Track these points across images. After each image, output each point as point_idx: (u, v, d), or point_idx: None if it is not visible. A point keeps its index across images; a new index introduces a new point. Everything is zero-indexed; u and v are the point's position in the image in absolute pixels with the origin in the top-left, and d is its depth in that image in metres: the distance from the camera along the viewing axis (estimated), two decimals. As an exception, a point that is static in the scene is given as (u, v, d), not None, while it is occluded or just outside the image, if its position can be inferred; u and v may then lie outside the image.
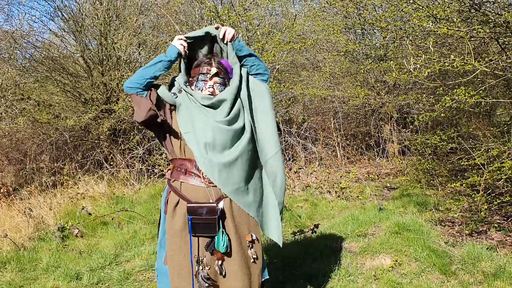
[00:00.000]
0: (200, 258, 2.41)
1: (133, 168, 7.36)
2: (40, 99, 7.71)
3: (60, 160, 7.77)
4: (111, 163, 7.54)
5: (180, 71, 2.50)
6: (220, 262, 2.41)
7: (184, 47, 2.43)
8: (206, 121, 2.37)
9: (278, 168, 2.52)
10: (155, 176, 7.26)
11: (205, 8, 7.03)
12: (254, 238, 2.46)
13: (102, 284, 3.78)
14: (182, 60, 2.49)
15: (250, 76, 2.56)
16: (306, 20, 7.81)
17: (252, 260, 2.47)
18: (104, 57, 7.79)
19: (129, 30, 7.71)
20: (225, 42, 2.48)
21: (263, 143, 2.51)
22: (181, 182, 2.44)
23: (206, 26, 7.20)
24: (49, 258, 4.24)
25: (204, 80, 2.42)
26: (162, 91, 2.41)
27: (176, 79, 2.50)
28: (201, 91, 2.42)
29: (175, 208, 2.43)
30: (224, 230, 2.39)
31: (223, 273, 2.41)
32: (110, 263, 4.15)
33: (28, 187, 6.61)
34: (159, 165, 7.15)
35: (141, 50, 8.64)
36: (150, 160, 7.33)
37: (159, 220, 2.64)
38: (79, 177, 7.01)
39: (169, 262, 2.45)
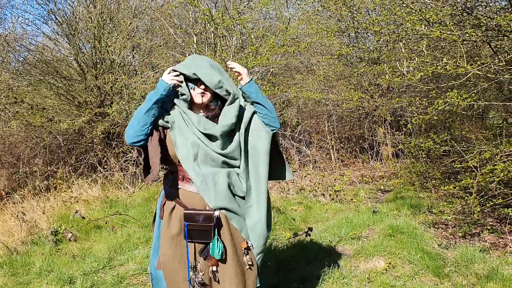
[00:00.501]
0: (195, 264, 2.40)
1: (127, 171, 7.34)
2: (34, 103, 7.68)
3: (54, 163, 7.74)
4: (105, 166, 7.51)
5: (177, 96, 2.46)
6: (214, 268, 2.40)
7: (176, 81, 2.35)
8: (199, 145, 2.37)
9: (260, 217, 2.47)
10: (147, 181, 7.21)
11: (199, 12, 7.03)
12: (249, 245, 2.46)
13: (95, 288, 3.76)
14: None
15: (255, 115, 2.51)
16: (300, 23, 7.82)
17: (247, 266, 2.46)
18: (98, 60, 7.77)
19: (123, 33, 7.70)
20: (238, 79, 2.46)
21: (249, 186, 2.47)
22: (179, 188, 2.44)
23: (202, 30, 7.21)
24: (42, 262, 4.21)
25: (193, 82, 2.40)
26: (162, 122, 2.40)
27: (176, 100, 2.45)
28: (193, 89, 2.39)
29: (171, 213, 2.43)
30: (219, 237, 2.38)
31: (217, 279, 2.41)
32: (103, 267, 4.13)
33: (21, 191, 6.57)
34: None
35: (135, 53, 8.63)
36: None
37: (153, 223, 2.64)
38: (73, 181, 6.98)
39: (163, 268, 2.44)
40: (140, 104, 2.51)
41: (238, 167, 2.45)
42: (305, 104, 9.20)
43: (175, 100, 2.41)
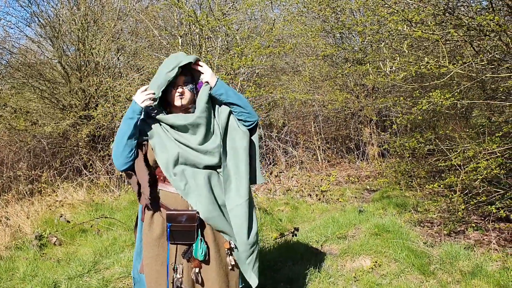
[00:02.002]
0: (176, 266, 2.39)
1: (113, 174, 7.29)
2: (17, 106, 7.58)
3: (38, 167, 7.64)
4: (91, 169, 7.45)
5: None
6: (197, 269, 2.39)
7: (150, 99, 2.32)
8: (178, 149, 2.35)
9: (241, 221, 2.42)
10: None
11: (184, 13, 7.01)
12: (232, 246, 2.44)
13: (80, 292, 3.73)
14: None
15: (231, 115, 2.47)
16: (285, 24, 7.85)
17: (230, 267, 2.45)
18: (82, 63, 7.71)
19: (107, 35, 7.65)
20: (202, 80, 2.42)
21: (230, 188, 2.43)
22: (160, 189, 2.42)
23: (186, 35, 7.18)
24: (26, 267, 4.15)
25: (172, 86, 2.36)
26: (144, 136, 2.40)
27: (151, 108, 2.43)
28: (171, 93, 2.37)
29: (153, 215, 2.41)
30: (202, 238, 2.37)
31: (200, 281, 2.40)
32: (89, 270, 4.09)
33: (4, 195, 6.48)
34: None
35: (119, 55, 8.58)
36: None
37: (135, 226, 2.62)
38: (58, 185, 6.90)
39: (146, 270, 2.42)
40: (125, 108, 2.50)
41: (220, 167, 2.41)
42: (291, 105, 9.22)
43: (150, 111, 2.40)
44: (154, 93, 2.31)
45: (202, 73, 2.40)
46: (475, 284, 3.44)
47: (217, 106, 2.45)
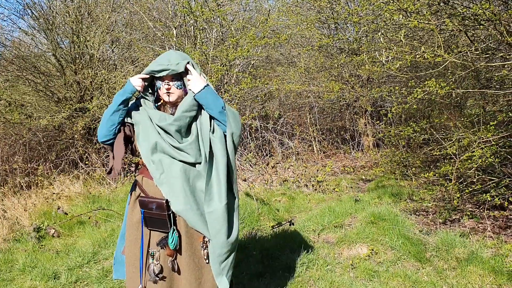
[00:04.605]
0: (153, 252, 2.41)
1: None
2: (12, 99, 7.55)
3: (34, 160, 7.62)
4: (87, 162, 7.45)
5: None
6: (171, 258, 2.40)
7: (141, 85, 2.40)
8: (157, 141, 2.38)
9: (220, 226, 2.38)
10: (132, 174, 7.21)
11: (178, 4, 7.00)
12: (206, 240, 2.42)
13: (80, 282, 3.75)
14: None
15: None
16: (280, 15, 7.85)
17: (206, 261, 2.43)
18: (77, 55, 7.67)
19: (101, 27, 7.62)
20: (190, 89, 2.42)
21: (210, 190, 2.41)
22: (143, 177, 2.48)
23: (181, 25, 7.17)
24: (25, 258, 4.17)
25: (160, 80, 2.39)
26: (130, 119, 2.45)
27: (142, 100, 2.47)
28: (159, 89, 2.40)
29: (136, 200, 2.47)
30: (175, 227, 2.38)
31: (175, 269, 2.40)
32: (88, 261, 4.12)
33: (1, 188, 6.48)
34: (135, 163, 7.08)
35: (114, 47, 8.55)
36: (126, 158, 7.27)
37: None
38: (54, 177, 6.91)
39: (126, 252, 2.49)
40: None
41: (198, 163, 2.39)
42: (287, 96, 9.24)
43: (142, 100, 2.45)
44: (147, 75, 2.39)
45: (188, 76, 2.41)
46: (471, 270, 3.50)
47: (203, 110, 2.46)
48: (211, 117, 2.44)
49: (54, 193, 6.26)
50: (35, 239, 4.68)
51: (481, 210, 4.67)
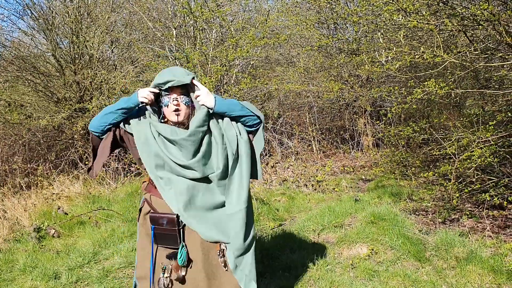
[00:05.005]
0: (165, 266, 2.40)
1: (109, 167, 7.30)
2: (11, 100, 7.56)
3: (34, 161, 7.63)
4: (86, 162, 7.45)
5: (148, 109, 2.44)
6: (182, 273, 2.39)
7: (150, 99, 2.37)
8: (163, 158, 2.35)
9: (240, 226, 2.41)
10: (132, 174, 7.22)
11: (178, 5, 7.00)
12: (223, 248, 2.42)
13: (81, 282, 3.75)
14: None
15: (233, 122, 2.47)
16: (279, 15, 7.86)
17: (225, 269, 2.42)
18: (76, 56, 7.68)
19: (101, 27, 7.62)
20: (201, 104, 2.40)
21: (230, 194, 2.43)
22: (151, 195, 2.47)
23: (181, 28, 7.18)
24: (25, 259, 4.18)
25: (168, 95, 2.36)
26: (129, 127, 2.42)
27: (147, 109, 2.44)
28: (167, 106, 2.36)
29: (145, 216, 2.46)
30: (185, 244, 2.38)
31: (185, 282, 2.39)
32: (88, 261, 4.12)
33: (1, 189, 6.48)
34: (135, 164, 7.10)
35: (114, 47, 8.55)
36: (126, 158, 7.27)
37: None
38: (54, 178, 6.91)
39: (138, 267, 2.47)
40: (118, 99, 2.52)
41: (211, 174, 2.40)
42: (286, 96, 9.26)
43: (147, 113, 2.42)
44: (156, 88, 2.35)
45: (196, 92, 2.39)
46: (470, 269, 3.51)
47: (221, 120, 2.44)
48: (231, 120, 2.44)
49: (54, 193, 6.26)
50: (35, 239, 4.69)
51: (480, 210, 4.68)
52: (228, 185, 2.42)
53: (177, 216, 2.34)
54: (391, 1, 4.22)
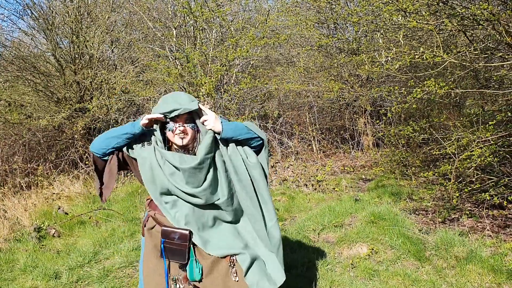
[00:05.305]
0: (176, 277, 2.40)
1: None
2: (11, 99, 7.56)
3: (34, 160, 7.63)
4: (87, 162, 7.45)
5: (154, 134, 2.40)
6: (188, 284, 2.39)
7: (151, 123, 2.33)
8: (168, 186, 2.34)
9: (279, 235, 2.49)
10: (132, 174, 7.21)
11: (178, 5, 7.01)
12: (233, 259, 2.40)
13: (81, 282, 3.76)
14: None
15: (238, 147, 2.46)
16: (279, 15, 7.86)
17: (236, 279, 2.40)
18: (77, 56, 7.69)
19: (101, 27, 7.63)
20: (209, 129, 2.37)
21: (259, 215, 2.46)
22: (155, 213, 2.45)
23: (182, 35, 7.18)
24: (26, 258, 4.19)
25: (173, 121, 2.32)
26: (133, 152, 2.39)
27: (154, 135, 2.39)
28: (172, 132, 2.32)
29: (151, 230, 2.45)
30: (196, 258, 2.37)
31: None
32: (89, 261, 4.13)
33: (1, 189, 6.49)
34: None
35: (114, 47, 8.56)
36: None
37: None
38: (54, 177, 6.91)
39: (146, 281, 2.44)
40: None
41: (217, 200, 2.39)
42: (286, 96, 9.26)
43: (153, 138, 2.38)
44: (161, 115, 2.30)
45: (204, 117, 2.36)
46: (470, 269, 3.51)
47: (226, 146, 2.43)
48: (237, 145, 2.43)
49: (54, 193, 6.27)
50: (35, 239, 4.69)
51: (480, 209, 4.68)
52: (252, 208, 2.43)
53: (190, 232, 2.33)
54: (391, 1, 4.22)
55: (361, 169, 7.68)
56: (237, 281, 2.39)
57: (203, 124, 2.35)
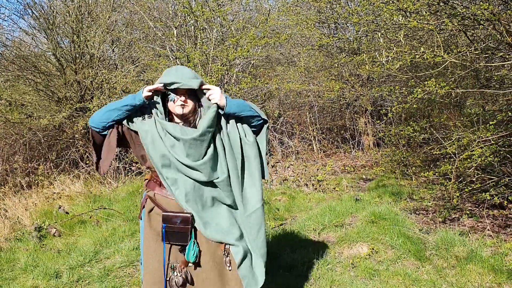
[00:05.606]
0: (173, 265, 2.41)
1: (110, 166, 7.30)
2: (12, 99, 7.56)
3: (34, 160, 7.63)
4: (87, 161, 7.46)
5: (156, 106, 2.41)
6: (191, 269, 2.40)
7: (152, 95, 2.34)
8: (169, 158, 2.35)
9: (261, 221, 2.47)
10: (133, 173, 7.23)
11: (179, 4, 7.01)
12: (227, 247, 2.42)
13: (82, 281, 3.76)
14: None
15: (238, 124, 2.47)
16: (280, 14, 7.86)
17: (229, 268, 2.43)
18: (77, 55, 7.69)
19: (101, 27, 7.63)
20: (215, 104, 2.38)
21: (245, 196, 2.47)
22: (155, 193, 2.46)
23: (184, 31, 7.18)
24: (27, 258, 4.19)
25: (174, 92, 2.34)
26: (134, 125, 2.39)
27: (156, 106, 2.40)
28: (173, 101, 2.34)
29: (150, 213, 2.45)
30: (195, 241, 2.38)
31: (189, 281, 2.40)
32: (90, 260, 4.13)
33: (1, 188, 6.49)
34: (136, 163, 7.11)
35: (114, 47, 8.56)
36: (127, 157, 7.28)
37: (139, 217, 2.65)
38: (55, 177, 6.92)
39: (145, 267, 2.45)
40: (121, 98, 2.48)
41: (215, 179, 2.40)
42: (287, 96, 9.26)
43: (153, 111, 2.39)
44: (161, 85, 2.31)
45: (209, 92, 2.38)
46: (470, 268, 3.52)
47: (226, 122, 2.44)
48: (237, 122, 2.44)
49: (54, 193, 6.27)
50: (36, 239, 4.70)
51: (481, 209, 4.68)
52: (240, 188, 2.43)
53: (192, 216, 2.34)
54: (391, 1, 4.22)
55: (361, 168, 7.68)
56: (230, 270, 2.42)
57: (208, 99, 2.37)
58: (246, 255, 2.44)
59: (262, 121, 2.49)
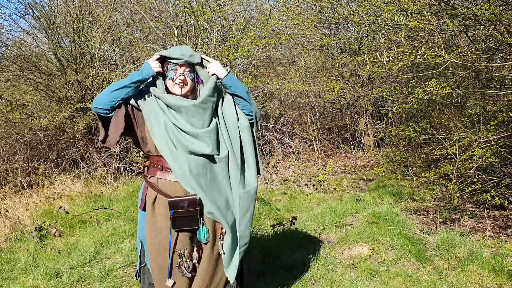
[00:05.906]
0: (182, 251, 2.41)
1: (110, 166, 7.30)
2: (12, 99, 7.56)
3: (35, 160, 7.64)
4: (88, 161, 7.46)
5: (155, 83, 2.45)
6: (197, 255, 2.43)
7: (160, 67, 2.40)
8: (174, 131, 2.36)
9: (248, 205, 2.50)
10: (133, 173, 7.23)
11: (180, 4, 7.01)
12: (224, 231, 2.45)
13: (82, 281, 3.76)
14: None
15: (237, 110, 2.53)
16: (281, 15, 7.86)
17: (222, 252, 2.46)
18: (78, 55, 7.68)
19: (102, 27, 7.63)
20: (214, 77, 2.46)
21: (240, 177, 2.50)
22: (158, 178, 2.44)
23: (184, 24, 7.18)
24: (27, 257, 4.19)
25: (174, 70, 2.39)
26: (137, 102, 2.40)
27: (151, 88, 2.43)
28: (172, 80, 2.39)
29: (154, 204, 2.43)
30: (204, 222, 2.40)
31: (198, 266, 2.44)
32: (90, 260, 4.13)
33: (2, 188, 6.49)
34: (136, 163, 7.11)
35: (115, 47, 8.56)
36: (127, 157, 7.29)
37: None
38: (55, 177, 6.92)
39: (151, 259, 2.45)
40: None
41: (216, 155, 2.42)
42: (287, 96, 9.26)
43: (151, 88, 2.41)
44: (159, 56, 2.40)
45: (209, 64, 2.46)
46: (471, 269, 3.51)
47: (223, 100, 2.50)
48: (235, 107, 2.49)
49: (55, 193, 6.27)
50: (36, 238, 4.69)
51: (481, 210, 4.68)
52: (239, 168, 2.46)
53: (199, 198, 2.35)
54: (392, 1, 4.22)
55: (362, 169, 7.68)
56: (224, 254, 2.47)
57: (207, 69, 2.44)
58: (230, 245, 2.48)
59: (251, 113, 2.53)
